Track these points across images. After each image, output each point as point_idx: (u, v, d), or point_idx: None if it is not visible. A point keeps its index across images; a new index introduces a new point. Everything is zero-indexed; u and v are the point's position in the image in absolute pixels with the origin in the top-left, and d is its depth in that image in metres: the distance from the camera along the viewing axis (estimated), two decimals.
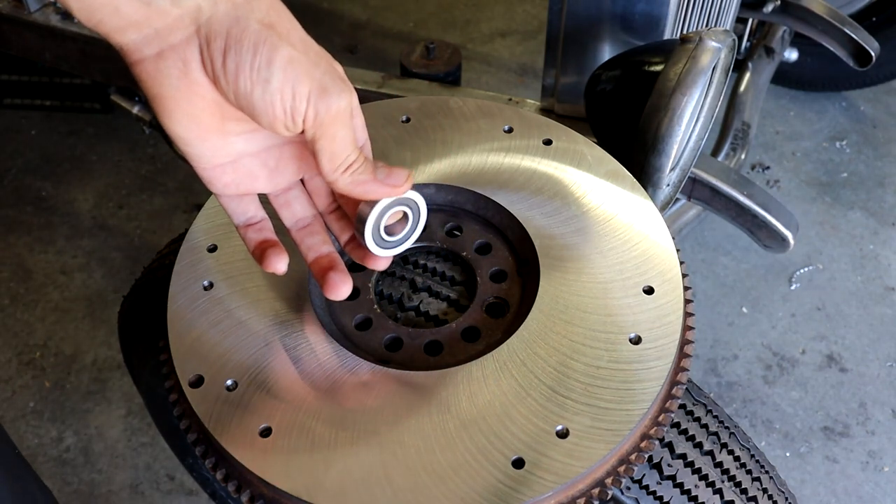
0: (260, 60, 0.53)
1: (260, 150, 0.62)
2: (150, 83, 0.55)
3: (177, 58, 0.54)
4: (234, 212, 0.65)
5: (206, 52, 0.54)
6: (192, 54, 0.54)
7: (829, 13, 1.64)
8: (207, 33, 0.53)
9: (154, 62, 0.54)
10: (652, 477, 0.84)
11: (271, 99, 0.54)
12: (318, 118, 0.55)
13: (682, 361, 0.72)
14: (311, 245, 0.67)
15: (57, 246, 2.17)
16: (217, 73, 0.54)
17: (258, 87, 0.53)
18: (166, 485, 1.72)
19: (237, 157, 0.61)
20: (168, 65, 0.54)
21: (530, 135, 0.88)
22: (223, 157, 0.60)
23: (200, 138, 0.57)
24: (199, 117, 0.56)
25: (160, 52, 0.53)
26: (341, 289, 0.65)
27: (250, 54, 0.53)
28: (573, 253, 0.77)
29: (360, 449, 0.64)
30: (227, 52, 0.53)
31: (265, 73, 0.53)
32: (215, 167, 0.60)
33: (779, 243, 1.22)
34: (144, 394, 1.32)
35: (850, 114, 2.53)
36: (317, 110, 0.54)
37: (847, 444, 1.78)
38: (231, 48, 0.53)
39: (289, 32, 0.55)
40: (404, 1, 3.01)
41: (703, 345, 1.95)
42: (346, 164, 0.58)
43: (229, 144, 0.59)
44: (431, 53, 1.42)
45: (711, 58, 0.90)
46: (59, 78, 2.27)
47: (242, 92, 0.54)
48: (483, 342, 0.75)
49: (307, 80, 0.54)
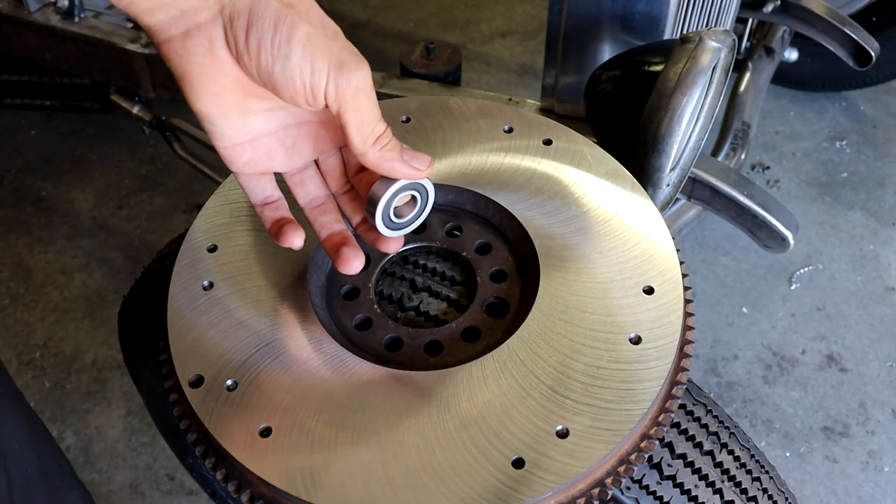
0: (280, 37, 0.55)
1: (277, 129, 0.64)
2: (177, 61, 0.57)
3: (203, 37, 0.56)
4: (252, 190, 0.67)
5: (229, 31, 0.56)
6: (216, 33, 0.56)
7: (829, 13, 1.64)
8: (231, 13, 0.56)
9: (181, 41, 0.57)
10: (652, 477, 0.84)
11: (291, 74, 0.56)
12: (339, 91, 0.57)
13: (682, 361, 0.72)
14: (324, 223, 0.69)
15: (57, 246, 2.17)
16: (240, 51, 0.57)
17: (278, 63, 0.56)
18: (166, 485, 1.72)
19: (256, 136, 0.63)
20: (194, 43, 0.56)
21: (530, 135, 0.88)
22: (243, 135, 0.62)
23: (223, 116, 0.60)
24: (222, 95, 0.59)
25: (187, 32, 0.56)
26: (353, 263, 0.67)
27: (271, 31, 0.55)
28: (573, 253, 0.77)
29: (360, 449, 0.64)
30: (250, 30, 0.56)
31: (285, 50, 0.56)
32: (235, 145, 0.63)
33: (779, 243, 1.22)
34: (144, 394, 1.32)
35: (850, 114, 2.53)
36: (336, 83, 0.57)
37: (847, 444, 1.78)
38: (253, 26, 0.56)
39: (307, 11, 0.58)
40: (404, 1, 3.01)
41: (703, 345, 1.95)
42: (374, 134, 0.61)
43: (249, 123, 0.62)
44: (431, 53, 1.42)
45: (711, 58, 0.90)
46: (59, 78, 2.27)
47: (264, 68, 0.57)
48: (483, 342, 0.75)
49: (325, 56, 0.56)
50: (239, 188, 0.84)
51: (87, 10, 1.65)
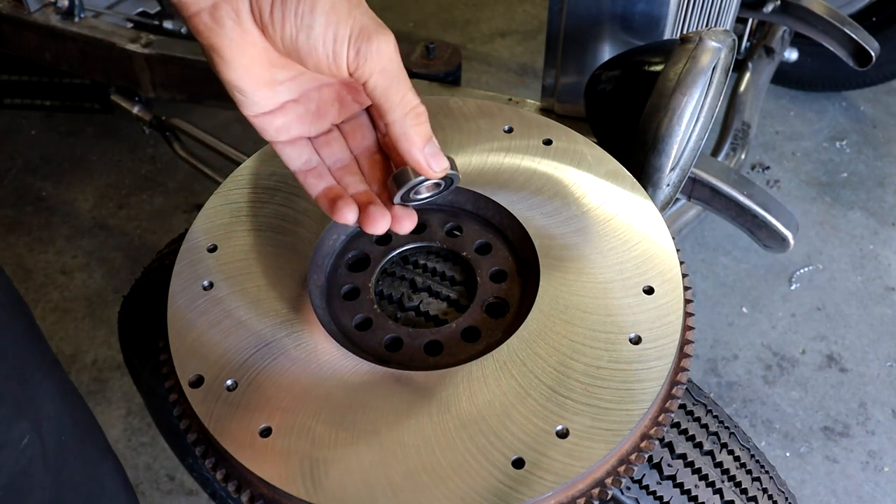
0: (303, 7, 0.57)
1: (302, 94, 0.66)
2: (206, 34, 0.59)
3: (230, 8, 0.58)
4: (290, 157, 0.68)
5: (255, 3, 0.58)
6: (243, 5, 0.58)
7: (829, 13, 1.64)
8: None
9: (209, 14, 0.58)
10: (652, 477, 0.84)
11: (314, 43, 0.58)
12: (360, 56, 0.58)
13: (682, 361, 0.72)
14: (350, 183, 0.69)
15: (57, 246, 2.17)
16: (265, 22, 0.58)
17: (302, 32, 0.58)
18: (166, 485, 1.72)
19: (284, 103, 0.65)
20: (222, 15, 0.58)
21: (530, 135, 0.88)
22: (271, 104, 0.64)
23: (251, 87, 0.62)
24: (251, 66, 0.61)
25: (214, 4, 0.58)
26: (380, 222, 0.67)
27: (294, 2, 0.57)
28: (573, 253, 0.77)
29: (360, 449, 0.64)
30: (275, 2, 0.57)
31: (308, 20, 0.57)
32: (265, 114, 0.65)
33: (779, 243, 1.22)
34: (144, 394, 1.32)
35: (850, 114, 2.53)
36: (358, 49, 0.58)
37: (847, 444, 1.78)
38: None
39: None
40: (404, 1, 3.01)
41: (703, 345, 1.95)
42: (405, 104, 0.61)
43: (277, 94, 0.64)
44: (431, 53, 1.42)
45: (711, 58, 0.90)
46: (59, 78, 2.27)
47: (288, 38, 0.58)
48: (483, 342, 0.75)
49: (347, 23, 0.58)
50: (239, 189, 0.84)
51: (87, 10, 1.65)
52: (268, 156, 0.87)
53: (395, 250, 0.83)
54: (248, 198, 0.83)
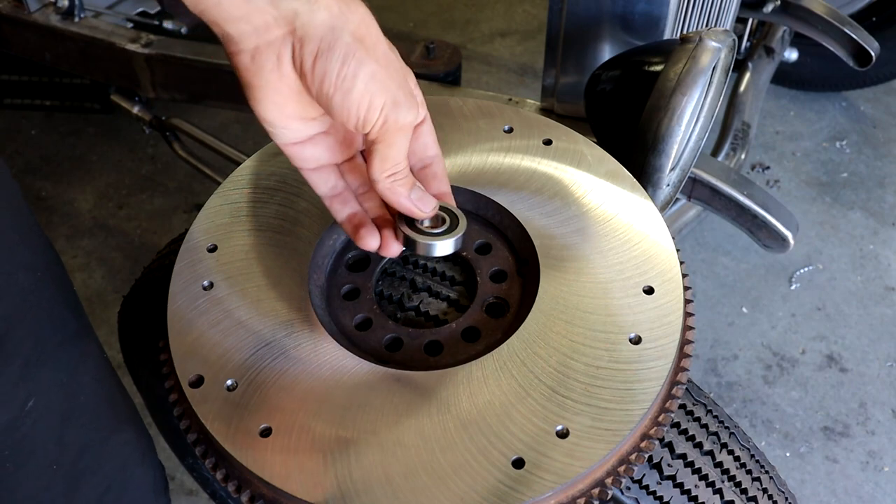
0: (346, 71, 0.58)
1: (330, 126, 0.68)
2: (245, 73, 0.60)
3: (271, 52, 0.59)
4: (317, 183, 0.70)
5: (297, 52, 0.59)
6: (285, 51, 0.59)
7: (829, 13, 1.64)
8: (302, 36, 0.58)
9: (251, 54, 0.59)
10: (652, 477, 0.84)
11: (349, 106, 0.59)
12: (385, 126, 0.61)
13: (682, 361, 0.72)
14: (371, 207, 0.73)
15: (57, 246, 2.17)
16: (305, 71, 0.59)
17: (339, 93, 0.59)
18: None
19: (313, 136, 0.67)
20: (263, 59, 0.59)
21: (530, 135, 0.88)
22: (302, 136, 0.66)
23: (284, 123, 0.64)
24: (284, 105, 0.62)
25: (257, 47, 0.58)
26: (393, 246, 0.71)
27: (339, 64, 0.58)
28: (573, 253, 0.77)
29: (360, 449, 0.64)
30: (318, 57, 0.58)
31: (348, 84, 0.59)
32: (296, 144, 0.66)
33: (779, 243, 1.22)
34: (144, 394, 1.32)
35: (850, 114, 2.53)
36: (385, 120, 0.60)
37: (847, 444, 1.78)
38: (322, 54, 0.58)
39: (375, 46, 0.60)
40: (404, 1, 3.01)
41: (703, 345, 1.95)
42: (392, 170, 0.64)
43: (308, 127, 0.65)
44: (431, 53, 1.42)
45: (711, 58, 0.90)
46: (59, 78, 2.27)
47: (324, 94, 0.59)
48: (483, 342, 0.75)
49: (383, 95, 0.60)
50: (239, 189, 0.84)
51: (87, 10, 1.65)
52: (268, 156, 0.87)
53: None
54: (248, 198, 0.83)
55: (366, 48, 0.59)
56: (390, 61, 0.62)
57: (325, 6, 0.57)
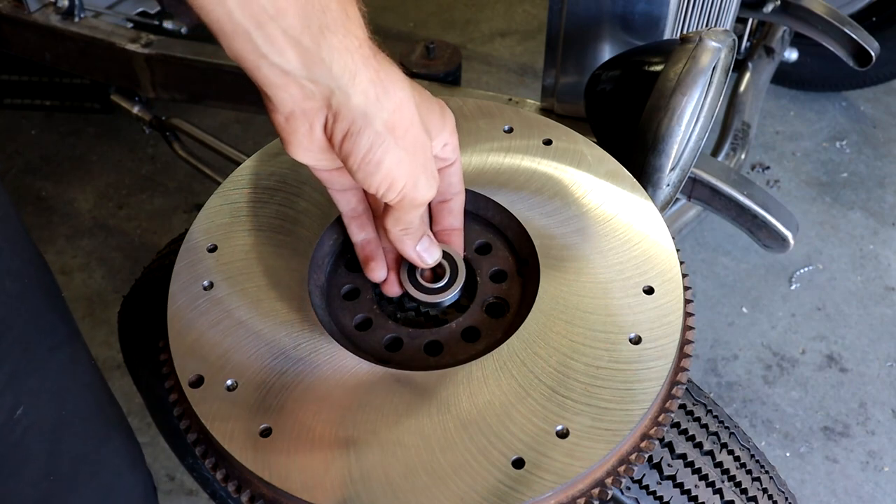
0: (371, 157, 0.61)
1: None
2: (280, 130, 0.63)
3: (305, 119, 0.61)
4: (339, 202, 0.74)
5: (329, 124, 0.61)
6: (318, 120, 0.61)
7: (829, 13, 1.64)
8: (336, 112, 0.60)
9: (285, 117, 0.61)
10: (652, 477, 0.84)
11: (370, 182, 0.63)
12: (403, 202, 0.65)
13: (682, 361, 0.72)
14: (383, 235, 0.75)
15: (57, 246, 2.17)
16: (334, 143, 0.62)
17: (361, 172, 0.62)
18: (166, 485, 1.72)
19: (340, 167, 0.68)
20: (297, 123, 0.61)
21: (530, 135, 0.88)
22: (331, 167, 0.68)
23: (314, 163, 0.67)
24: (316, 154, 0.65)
25: (292, 112, 0.61)
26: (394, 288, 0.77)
27: (365, 149, 0.60)
28: (573, 253, 0.77)
29: (360, 449, 0.64)
30: (346, 138, 0.60)
31: (372, 168, 0.61)
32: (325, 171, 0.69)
33: (779, 243, 1.22)
34: (144, 394, 1.32)
35: (850, 114, 2.53)
36: (403, 197, 0.64)
37: (847, 444, 1.78)
38: (351, 136, 0.60)
39: (405, 133, 0.62)
40: (404, 1, 3.01)
41: (703, 345, 1.95)
42: (405, 227, 0.69)
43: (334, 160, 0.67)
44: (431, 53, 1.42)
45: (711, 58, 0.90)
46: (59, 78, 2.27)
47: (349, 167, 0.62)
48: (483, 342, 0.75)
49: (405, 178, 0.63)
50: (239, 189, 0.84)
51: (87, 10, 1.65)
52: (268, 156, 0.87)
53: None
54: (248, 198, 0.83)
55: (395, 137, 0.61)
56: (417, 147, 0.63)
57: (361, 91, 0.59)
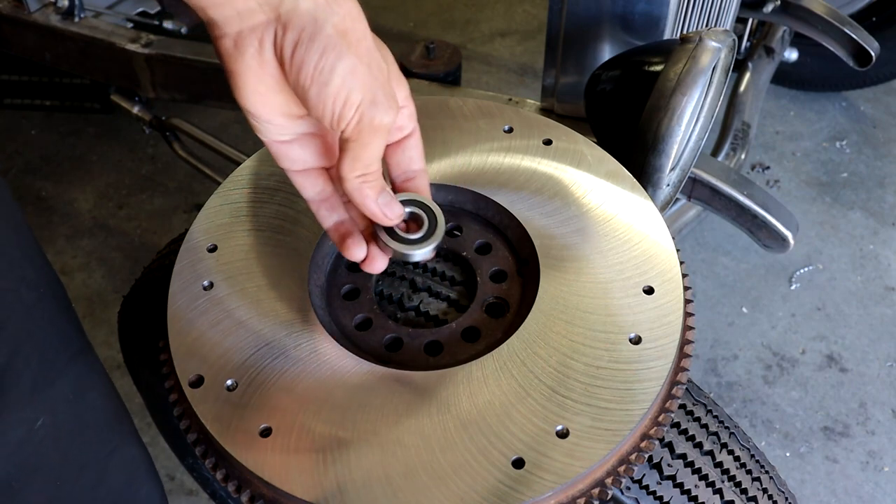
0: (324, 64, 0.57)
1: (319, 129, 0.66)
2: (228, 59, 0.59)
3: (254, 37, 0.58)
4: (303, 186, 0.69)
5: (279, 39, 0.57)
6: (267, 37, 0.58)
7: (829, 13, 1.64)
8: (286, 23, 0.57)
9: (233, 39, 0.58)
10: (652, 477, 0.84)
11: (325, 99, 0.58)
12: (360, 125, 0.59)
13: (682, 361, 0.72)
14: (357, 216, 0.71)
15: (57, 246, 2.17)
16: (284, 59, 0.58)
17: (316, 85, 0.57)
18: (166, 485, 1.72)
19: (300, 136, 0.65)
20: (245, 43, 0.58)
21: (530, 135, 0.88)
22: (288, 135, 0.64)
23: (267, 116, 0.62)
24: (268, 96, 0.60)
25: (240, 32, 0.58)
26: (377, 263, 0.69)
27: (317, 55, 0.57)
28: (573, 253, 0.77)
29: (360, 449, 0.64)
30: (297, 47, 0.57)
31: (325, 77, 0.57)
32: (283, 143, 0.65)
33: (779, 243, 1.22)
34: (144, 394, 1.32)
35: (850, 114, 2.53)
36: (361, 118, 0.58)
37: (847, 444, 1.78)
38: (302, 44, 0.57)
39: (359, 42, 0.58)
40: (404, 1, 3.01)
41: (703, 345, 1.94)
42: (363, 171, 0.62)
43: (294, 125, 0.64)
44: (431, 53, 1.42)
45: (711, 58, 0.90)
46: (59, 78, 2.27)
47: (301, 85, 0.58)
48: (483, 342, 0.75)
49: (361, 91, 0.58)
50: (239, 189, 0.84)
51: (87, 10, 1.65)
52: (268, 156, 0.87)
53: None
54: (248, 198, 0.83)
55: (348, 42, 0.57)
56: (373, 59, 0.59)
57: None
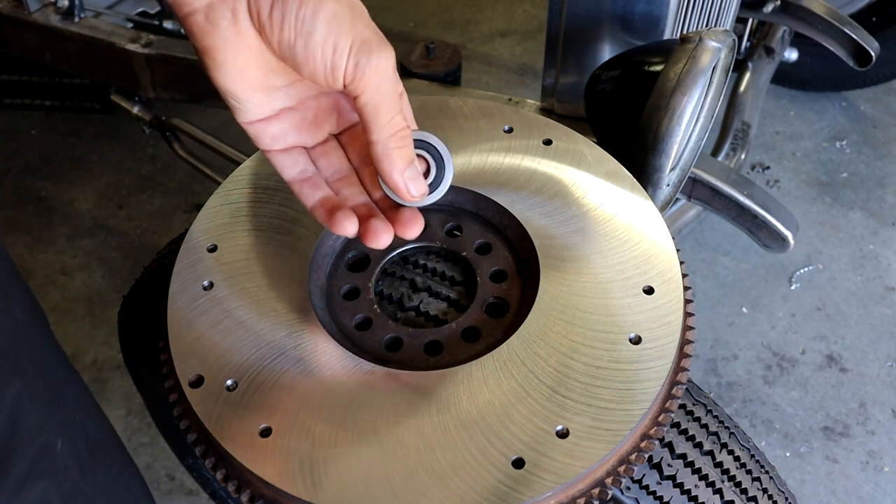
0: (305, 12, 0.54)
1: (298, 102, 0.64)
2: (200, 35, 0.56)
3: (226, 8, 0.56)
4: (285, 165, 0.66)
5: (253, 3, 0.55)
6: (240, 4, 0.55)
7: (829, 13, 1.64)
8: None
9: (204, 13, 0.56)
10: (652, 477, 0.84)
11: (313, 51, 0.55)
12: (359, 69, 0.56)
13: (682, 361, 0.72)
14: (349, 195, 0.68)
15: (57, 246, 2.17)
16: (263, 23, 0.56)
17: (301, 38, 0.55)
18: (166, 485, 1.72)
19: (279, 111, 0.63)
20: (218, 15, 0.55)
21: (530, 135, 0.88)
22: (267, 111, 0.62)
23: (246, 93, 0.60)
24: (245, 70, 0.58)
25: (210, 4, 0.55)
26: (383, 236, 0.65)
27: (296, 6, 0.54)
28: (573, 253, 0.77)
29: (360, 449, 0.64)
30: (275, 3, 0.55)
31: (308, 26, 0.55)
32: (260, 121, 0.62)
33: (779, 243, 1.22)
34: (144, 394, 1.32)
35: (850, 114, 2.53)
36: (357, 61, 0.56)
37: (847, 444, 1.78)
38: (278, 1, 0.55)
39: None
40: (404, 1, 3.01)
41: (703, 345, 1.95)
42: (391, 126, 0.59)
43: (273, 100, 0.61)
44: (431, 53, 1.42)
45: (711, 58, 0.91)
46: (59, 78, 2.27)
47: (286, 43, 0.56)
48: (483, 342, 0.75)
49: (349, 34, 0.55)
50: (239, 189, 0.84)
51: (87, 10, 1.65)
52: None
53: (395, 250, 0.83)
54: (248, 198, 0.83)
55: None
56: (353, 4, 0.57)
57: None
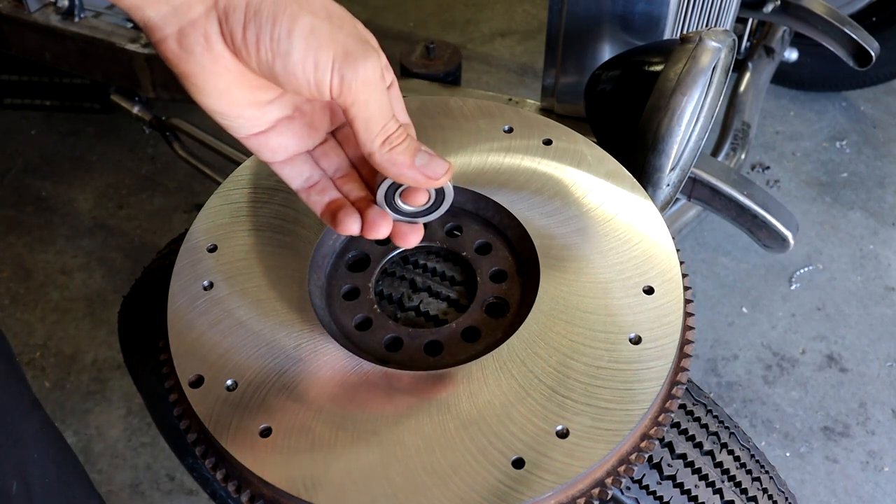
0: (279, 31, 0.52)
1: (294, 109, 0.62)
2: (175, 61, 0.55)
3: (198, 34, 0.53)
4: (290, 176, 0.65)
5: (225, 26, 0.53)
6: (212, 28, 0.53)
7: (829, 13, 1.64)
8: (226, 6, 0.53)
9: (176, 40, 0.54)
10: (652, 477, 0.84)
11: (293, 70, 0.53)
12: (345, 83, 0.54)
13: (682, 361, 0.72)
14: (350, 191, 0.66)
15: (57, 246, 2.17)
16: (238, 46, 0.54)
17: (279, 59, 0.53)
18: (166, 485, 1.72)
19: (275, 122, 0.61)
20: (191, 41, 0.53)
21: (530, 135, 0.88)
22: (263, 124, 0.60)
23: (234, 111, 0.58)
24: (229, 91, 0.56)
25: (181, 30, 0.53)
26: (380, 227, 0.65)
27: (269, 25, 0.52)
28: (573, 253, 0.77)
29: (360, 449, 0.64)
30: (247, 25, 0.53)
31: (285, 45, 0.53)
32: (258, 135, 0.61)
33: (779, 243, 1.22)
34: (144, 394, 1.32)
35: (850, 114, 2.53)
36: (342, 76, 0.54)
37: (847, 444, 1.78)
38: (250, 20, 0.52)
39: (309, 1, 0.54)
40: (404, 1, 3.01)
41: (703, 345, 1.94)
42: (383, 134, 0.57)
43: (266, 113, 0.60)
44: (431, 53, 1.42)
45: (711, 58, 0.91)
46: (59, 78, 2.27)
47: (265, 64, 0.54)
48: (483, 342, 0.75)
49: (329, 48, 0.53)
50: (239, 189, 0.84)
51: (87, 10, 1.65)
52: None
53: (395, 250, 0.83)
54: (248, 198, 0.83)
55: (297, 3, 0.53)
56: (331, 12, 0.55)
57: None
